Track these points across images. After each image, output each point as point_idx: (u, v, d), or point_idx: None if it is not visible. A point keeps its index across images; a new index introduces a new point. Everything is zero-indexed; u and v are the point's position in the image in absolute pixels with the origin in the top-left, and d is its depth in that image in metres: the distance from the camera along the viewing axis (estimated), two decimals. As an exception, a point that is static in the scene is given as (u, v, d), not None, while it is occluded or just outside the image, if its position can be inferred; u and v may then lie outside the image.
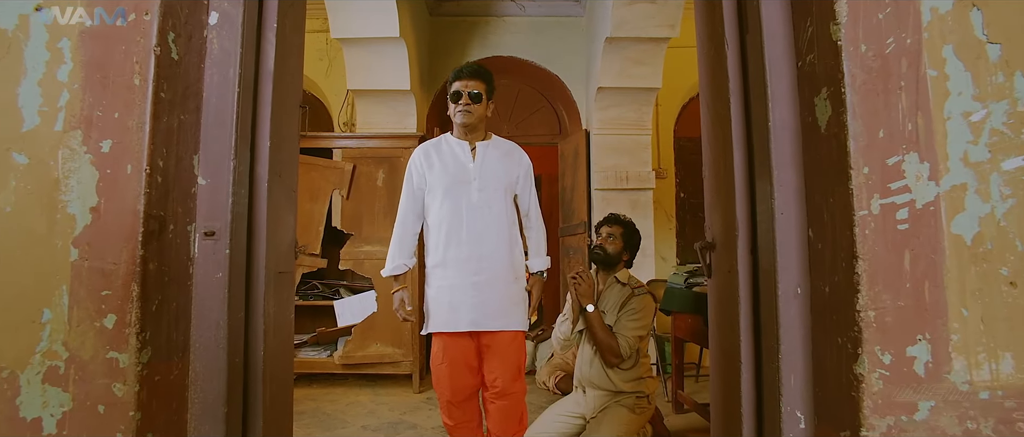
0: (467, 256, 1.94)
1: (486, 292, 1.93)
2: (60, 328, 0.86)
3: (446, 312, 1.93)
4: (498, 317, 1.94)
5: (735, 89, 1.15)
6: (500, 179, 2.01)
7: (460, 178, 1.99)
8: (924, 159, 0.88)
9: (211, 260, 1.02)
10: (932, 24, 0.89)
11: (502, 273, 1.96)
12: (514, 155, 2.11)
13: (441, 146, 2.08)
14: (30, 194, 0.88)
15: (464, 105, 2.00)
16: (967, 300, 0.86)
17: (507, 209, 2.02)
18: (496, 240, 1.96)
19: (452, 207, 1.97)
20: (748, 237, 1.13)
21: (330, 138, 3.89)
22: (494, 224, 1.97)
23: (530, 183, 2.14)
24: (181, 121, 0.98)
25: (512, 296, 1.98)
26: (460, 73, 2.03)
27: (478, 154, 2.03)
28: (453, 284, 1.94)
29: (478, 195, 1.97)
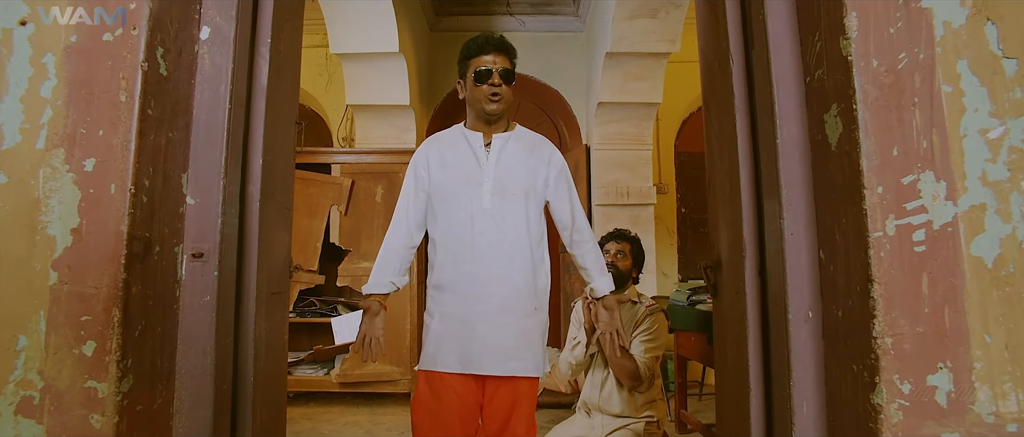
0: (473, 278, 1.52)
1: (494, 325, 1.50)
2: (36, 356, 0.82)
3: (442, 346, 1.52)
4: (508, 359, 1.50)
5: (741, 106, 1.12)
6: (519, 181, 1.57)
7: (469, 178, 1.57)
8: (940, 178, 0.84)
9: (199, 282, 0.98)
10: (945, 38, 0.86)
11: (517, 301, 1.53)
12: (542, 151, 1.65)
13: (453, 138, 1.66)
14: (9, 215, 0.84)
15: (493, 88, 1.55)
16: (990, 326, 0.81)
17: (528, 219, 1.57)
18: (511, 258, 1.53)
19: (458, 215, 1.56)
20: (756, 258, 1.09)
21: (328, 153, 3.87)
22: (510, 238, 1.54)
23: (567, 185, 1.67)
24: (169, 139, 0.95)
25: (528, 332, 1.54)
26: (485, 45, 1.58)
27: (494, 148, 1.59)
28: (455, 312, 1.52)
29: (490, 200, 1.54)
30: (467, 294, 1.52)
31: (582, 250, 1.66)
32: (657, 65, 3.87)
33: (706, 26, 1.33)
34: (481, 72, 1.56)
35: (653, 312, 2.33)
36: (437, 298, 1.58)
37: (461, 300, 1.52)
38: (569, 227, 1.66)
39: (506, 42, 1.62)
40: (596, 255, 1.68)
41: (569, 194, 1.66)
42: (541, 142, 1.68)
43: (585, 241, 1.66)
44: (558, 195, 1.65)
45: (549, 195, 1.65)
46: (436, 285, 1.59)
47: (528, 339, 1.54)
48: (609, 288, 1.70)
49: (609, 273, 1.71)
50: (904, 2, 0.88)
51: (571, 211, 1.65)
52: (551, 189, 1.64)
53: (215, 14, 1.04)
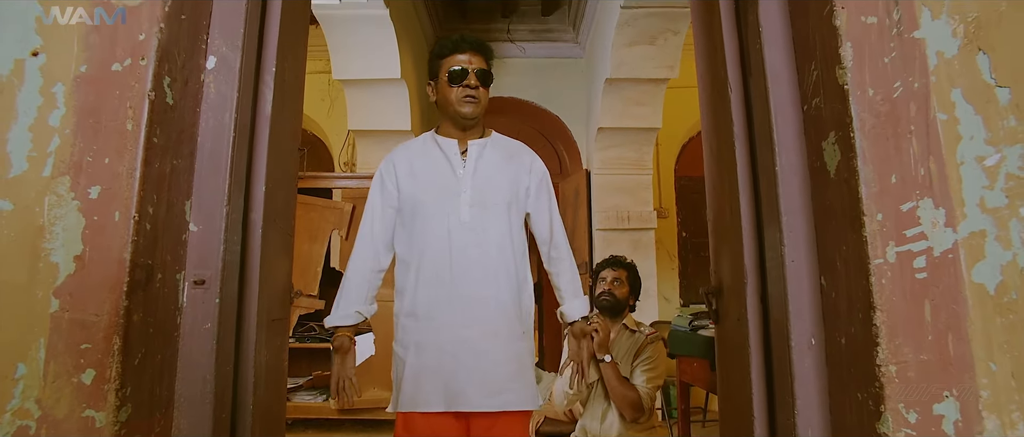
0: (453, 301, 1.36)
1: (480, 353, 1.35)
2: (34, 384, 0.81)
3: (421, 383, 1.35)
4: (500, 390, 1.34)
5: (740, 133, 1.13)
6: (501, 190, 1.45)
7: (444, 189, 1.42)
8: (939, 205, 0.85)
9: (200, 310, 0.98)
10: (938, 68, 0.88)
11: (504, 325, 1.38)
12: (523, 158, 1.53)
13: (423, 147, 1.52)
14: (12, 242, 0.85)
15: (469, 90, 1.43)
16: (995, 354, 0.81)
17: (511, 233, 1.44)
18: (495, 276, 1.39)
19: (434, 230, 1.39)
20: (757, 284, 1.09)
21: (330, 178, 3.89)
22: (493, 253, 1.40)
23: (548, 195, 1.54)
24: (174, 166, 0.96)
25: (518, 358, 1.39)
26: (460, 43, 1.46)
27: (470, 156, 1.46)
28: (434, 342, 1.36)
29: (469, 212, 1.40)
30: (447, 320, 1.35)
31: (558, 268, 1.53)
32: (656, 91, 3.92)
33: (704, 55, 1.36)
34: (455, 72, 1.43)
35: (653, 341, 2.31)
36: (411, 327, 1.39)
37: (440, 328, 1.36)
38: (547, 242, 1.53)
39: (482, 41, 1.50)
40: (572, 275, 1.54)
41: (549, 205, 1.54)
42: (521, 148, 1.56)
43: (562, 258, 1.53)
44: (539, 206, 1.52)
45: (530, 206, 1.52)
46: (409, 313, 1.40)
47: (520, 366, 1.38)
48: (581, 313, 1.55)
49: (584, 296, 1.57)
50: (897, 33, 0.89)
51: (550, 224, 1.53)
52: (532, 200, 1.52)
53: (222, 44, 1.06)
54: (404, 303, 1.43)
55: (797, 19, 1.03)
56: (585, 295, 1.58)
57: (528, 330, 1.45)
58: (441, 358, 1.35)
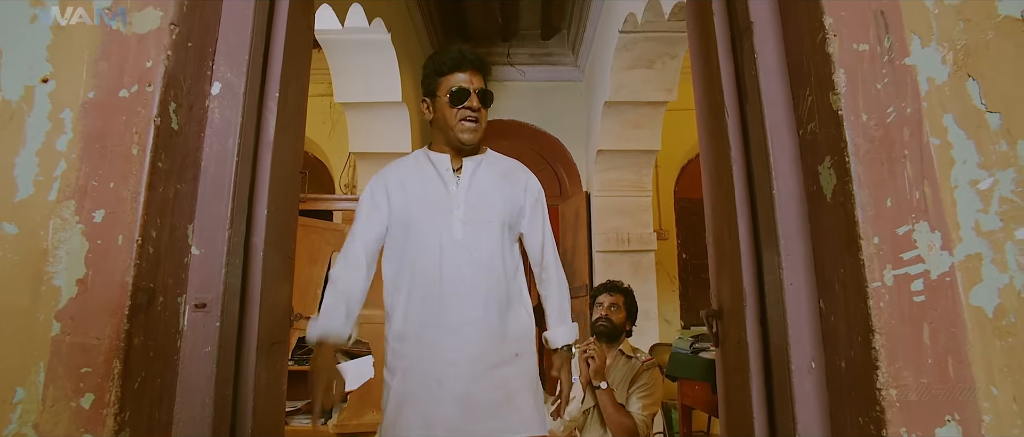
0: (442, 322, 1.30)
1: (464, 378, 1.28)
2: (33, 409, 0.81)
3: (402, 410, 1.28)
4: (492, 416, 1.28)
5: (737, 157, 1.14)
6: (495, 208, 1.40)
7: (436, 206, 1.38)
8: (935, 228, 0.86)
9: (201, 333, 0.98)
10: (930, 93, 0.90)
11: (491, 349, 1.32)
12: (518, 176, 1.49)
13: (416, 163, 1.47)
14: (16, 265, 0.85)
15: (470, 112, 1.38)
16: (996, 377, 0.81)
17: (505, 252, 1.39)
18: (485, 298, 1.33)
19: (424, 247, 1.34)
20: (756, 307, 1.09)
21: (330, 200, 3.91)
22: (484, 272, 1.34)
23: (542, 216, 1.50)
24: (177, 190, 0.97)
25: (517, 381, 1.33)
26: (461, 61, 1.39)
27: (465, 173, 1.42)
28: (419, 367, 1.29)
29: (462, 230, 1.35)
30: (435, 343, 1.30)
31: (547, 290, 1.48)
32: (655, 113, 3.96)
33: (701, 80, 1.38)
34: (457, 92, 1.38)
35: (649, 367, 2.29)
36: (398, 351, 1.33)
37: (427, 352, 1.30)
38: (538, 263, 1.49)
39: (481, 57, 1.45)
40: (560, 298, 1.48)
41: (543, 226, 1.50)
42: (516, 167, 1.52)
43: (551, 281, 1.48)
44: (533, 226, 1.48)
45: (524, 226, 1.48)
46: (400, 336, 1.35)
47: (507, 392, 1.30)
48: (564, 341, 1.47)
49: (572, 323, 1.50)
50: (889, 59, 0.91)
51: (542, 245, 1.49)
52: (526, 219, 1.47)
53: (227, 70, 1.08)
54: (392, 326, 1.38)
55: (791, 46, 1.05)
56: (574, 322, 1.53)
57: (523, 351, 1.38)
58: (425, 383, 1.29)
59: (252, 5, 1.12)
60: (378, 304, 3.78)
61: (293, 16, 1.29)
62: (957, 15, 0.92)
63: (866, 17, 0.94)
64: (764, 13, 1.09)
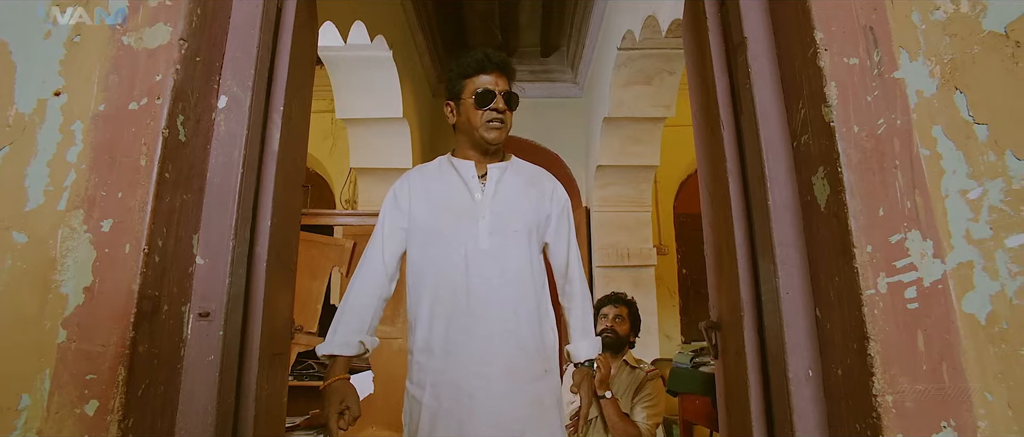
0: (471, 334, 1.27)
1: (498, 395, 1.24)
2: (37, 416, 0.82)
3: (437, 426, 1.25)
4: (530, 431, 1.25)
5: (733, 169, 1.17)
6: (523, 216, 1.36)
7: (461, 214, 1.34)
8: (927, 237, 0.87)
9: (204, 342, 0.99)
10: (919, 106, 0.92)
11: (525, 363, 1.28)
12: (544, 184, 1.45)
13: (438, 171, 1.44)
14: (25, 274, 0.87)
15: (496, 113, 1.35)
16: (990, 384, 0.82)
17: (533, 262, 1.35)
18: (515, 309, 1.29)
19: (449, 257, 1.31)
20: (754, 317, 1.10)
21: (331, 215, 3.92)
22: (513, 283, 1.30)
23: (568, 226, 1.46)
24: (184, 201, 0.99)
25: (541, 399, 1.29)
26: (486, 63, 1.36)
27: (490, 180, 1.38)
28: (451, 381, 1.26)
29: (488, 239, 1.31)
30: (464, 356, 1.26)
31: (571, 303, 1.45)
32: (654, 129, 4.00)
33: (697, 94, 1.41)
34: (482, 94, 1.35)
35: (653, 378, 2.30)
36: (425, 365, 1.29)
37: (457, 364, 1.26)
38: (563, 274, 1.46)
39: (508, 61, 1.41)
40: (584, 312, 1.45)
41: (569, 236, 1.46)
42: (542, 174, 1.48)
43: (575, 293, 1.45)
44: (558, 236, 1.44)
45: (549, 235, 1.44)
46: (425, 348, 1.31)
47: (541, 408, 1.27)
48: (588, 355, 1.45)
49: (597, 337, 1.49)
50: (878, 73, 0.94)
51: (567, 256, 1.45)
52: (552, 229, 1.43)
53: (233, 84, 1.11)
54: (417, 338, 1.33)
55: (784, 60, 1.08)
56: (597, 336, 1.51)
57: (551, 368, 1.35)
58: (457, 398, 1.25)
59: (259, 22, 1.15)
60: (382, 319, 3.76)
61: (298, 32, 1.32)
62: (943, 30, 0.95)
63: (855, 32, 0.96)
64: (757, 29, 1.11)
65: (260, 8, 1.16)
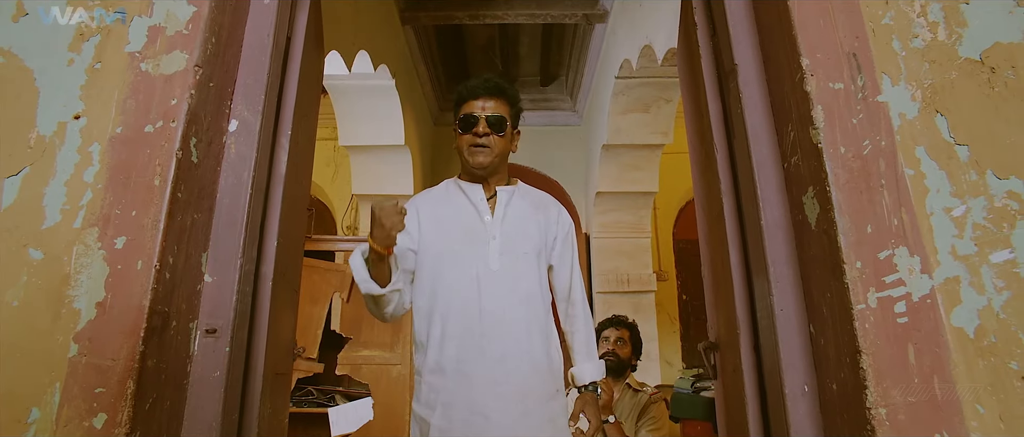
0: (484, 354, 1.27)
1: (515, 415, 1.25)
2: (46, 429, 0.83)
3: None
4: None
5: (727, 190, 1.20)
6: (531, 239, 1.39)
7: (472, 236, 1.37)
8: (914, 253, 0.90)
9: (210, 358, 1.01)
10: (902, 128, 0.96)
11: (539, 382, 1.30)
12: (549, 209, 1.49)
13: (446, 193, 1.48)
14: (39, 289, 0.89)
15: (476, 138, 1.38)
16: (981, 396, 0.84)
17: (540, 283, 1.39)
18: (528, 329, 1.32)
19: (461, 279, 1.33)
20: (750, 335, 1.12)
21: (332, 241, 3.95)
22: (524, 305, 1.33)
23: (572, 250, 1.49)
24: (194, 220, 1.02)
25: (555, 419, 1.31)
26: (474, 90, 1.40)
27: (499, 203, 1.42)
28: (464, 402, 1.26)
29: (499, 260, 1.34)
30: (479, 376, 1.26)
31: (573, 326, 1.46)
32: (652, 156, 4.06)
33: (692, 119, 1.46)
34: (463, 119, 1.39)
35: (656, 401, 2.31)
36: (436, 385, 1.30)
37: (471, 384, 1.26)
38: (565, 298, 1.48)
39: (501, 85, 1.42)
40: (587, 334, 1.47)
41: (572, 260, 1.48)
42: (548, 200, 1.53)
43: (577, 316, 1.47)
44: (562, 260, 1.47)
45: (554, 259, 1.47)
46: (436, 369, 1.31)
47: (555, 428, 1.29)
48: (591, 377, 1.45)
49: (599, 361, 1.50)
50: (862, 97, 0.98)
51: (570, 280, 1.48)
52: (557, 252, 1.47)
53: (243, 108, 1.15)
54: (427, 358, 1.33)
55: (773, 85, 1.12)
56: (601, 359, 1.52)
57: (561, 387, 1.37)
58: (471, 419, 1.24)
59: (269, 50, 1.20)
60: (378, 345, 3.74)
61: (306, 61, 1.38)
62: (922, 57, 1.00)
63: (840, 59, 1.01)
64: (747, 56, 1.17)
65: (271, 37, 1.22)
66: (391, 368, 3.60)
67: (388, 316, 1.38)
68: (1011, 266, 0.89)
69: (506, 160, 1.49)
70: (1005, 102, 0.96)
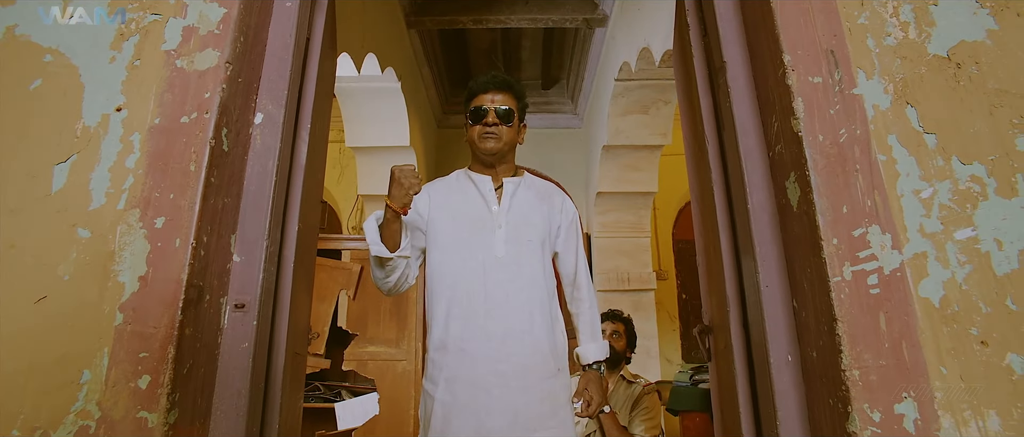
0: (488, 334, 1.35)
1: (515, 390, 1.32)
2: (97, 388, 0.92)
3: (451, 420, 1.32)
4: (540, 428, 1.32)
5: (717, 178, 1.29)
6: (536, 227, 1.48)
7: (480, 224, 1.46)
8: (886, 231, 0.98)
9: (239, 331, 1.09)
10: (875, 118, 1.05)
11: (539, 361, 1.37)
12: (554, 199, 1.58)
13: (457, 182, 1.58)
14: (87, 264, 0.98)
15: (487, 127, 1.49)
16: (944, 359, 0.92)
17: (544, 269, 1.47)
18: (529, 312, 1.39)
19: (467, 263, 1.42)
20: (739, 311, 1.20)
21: (339, 240, 4.04)
22: (527, 289, 1.41)
23: (576, 237, 1.58)
24: (225, 203, 1.11)
25: (555, 395, 1.38)
26: (485, 85, 1.52)
27: (506, 193, 1.51)
28: (467, 376, 1.34)
29: (505, 248, 1.43)
30: (481, 354, 1.34)
31: (579, 308, 1.56)
32: (651, 156, 4.15)
33: (686, 114, 1.54)
34: (474, 111, 1.51)
35: (649, 392, 2.38)
36: (441, 362, 1.38)
37: (474, 361, 1.34)
38: (571, 282, 1.57)
39: (509, 80, 1.54)
40: (592, 316, 1.56)
41: (577, 246, 1.57)
42: (553, 190, 1.61)
43: (583, 299, 1.56)
44: (567, 246, 1.56)
45: (559, 246, 1.56)
46: (440, 346, 1.40)
47: (554, 404, 1.36)
48: (595, 357, 1.53)
49: (603, 341, 1.57)
50: (839, 90, 1.07)
51: (575, 265, 1.57)
52: (561, 239, 1.56)
53: (268, 103, 1.24)
54: (433, 337, 1.42)
55: (759, 80, 1.21)
56: (604, 340, 1.59)
57: (563, 366, 1.44)
58: (474, 393, 1.32)
59: (291, 49, 1.30)
60: (383, 341, 3.82)
61: (322, 60, 1.47)
62: (894, 54, 1.08)
63: (818, 55, 1.10)
64: (735, 54, 1.26)
65: (293, 38, 1.31)
66: (396, 364, 3.68)
67: (392, 284, 1.46)
68: (973, 243, 0.97)
69: (513, 151, 1.58)
70: (969, 95, 1.05)
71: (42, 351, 0.94)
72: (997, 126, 1.03)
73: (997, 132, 1.03)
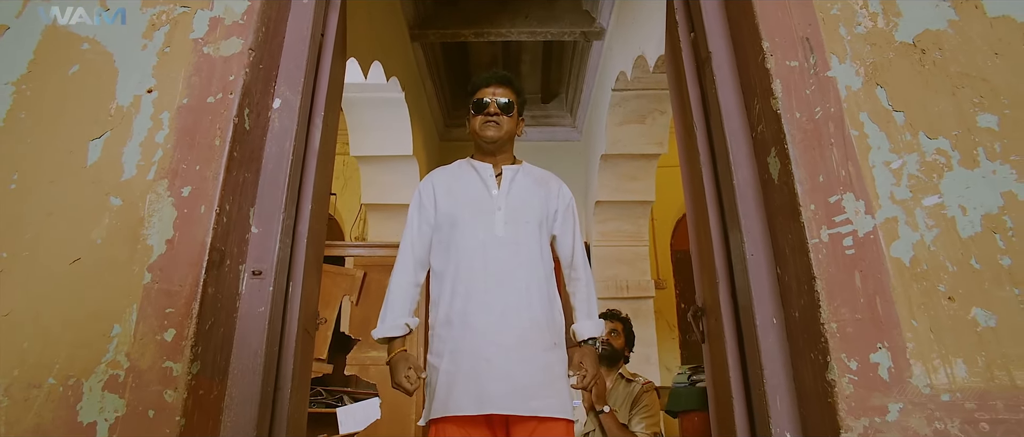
0: (488, 309, 1.44)
1: (513, 360, 1.39)
2: (126, 341, 0.99)
3: (455, 388, 1.38)
4: (530, 397, 1.38)
5: (705, 160, 1.37)
6: (533, 210, 1.58)
7: (481, 207, 1.56)
8: (859, 198, 1.06)
9: (256, 296, 1.16)
10: (848, 97, 1.13)
11: (537, 335, 1.45)
12: (551, 185, 1.68)
13: (459, 169, 1.69)
14: (119, 229, 1.06)
15: (488, 117, 1.61)
16: (915, 313, 0.99)
17: (541, 249, 1.56)
18: (527, 288, 1.48)
19: (469, 243, 1.51)
20: (728, 284, 1.27)
21: (343, 247, 4.11)
22: (525, 267, 1.50)
23: (573, 220, 1.67)
24: (245, 178, 1.19)
25: (552, 367, 1.44)
26: (487, 79, 1.65)
27: (505, 179, 1.62)
28: (469, 348, 1.41)
29: (504, 228, 1.52)
30: (482, 327, 1.42)
31: (575, 287, 1.64)
32: (648, 166, 4.25)
33: (677, 102, 1.64)
34: (477, 102, 1.63)
35: (648, 390, 2.42)
36: (445, 336, 1.46)
37: (475, 334, 1.42)
38: (569, 264, 1.66)
39: (509, 76, 1.67)
40: (588, 295, 1.63)
41: (574, 229, 1.66)
42: (550, 176, 1.72)
43: (579, 279, 1.64)
44: (564, 229, 1.66)
45: (556, 228, 1.65)
46: (444, 321, 1.48)
47: (551, 375, 1.43)
48: (590, 333, 1.59)
49: (600, 320, 1.64)
50: (814, 72, 1.16)
51: (573, 247, 1.65)
52: (558, 222, 1.65)
53: (286, 89, 1.33)
54: (439, 313, 1.52)
55: (741, 68, 1.31)
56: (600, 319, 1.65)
57: (560, 341, 1.52)
58: (475, 363, 1.40)
59: (307, 41, 1.39)
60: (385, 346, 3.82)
61: (335, 57, 1.57)
62: (864, 41, 1.18)
63: (795, 42, 1.19)
64: (719, 44, 1.35)
65: (309, 32, 1.41)
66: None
67: None
68: (940, 209, 1.05)
69: (512, 141, 1.70)
70: (934, 77, 1.14)
71: (76, 307, 1.01)
72: (959, 105, 1.12)
73: (960, 110, 1.11)
